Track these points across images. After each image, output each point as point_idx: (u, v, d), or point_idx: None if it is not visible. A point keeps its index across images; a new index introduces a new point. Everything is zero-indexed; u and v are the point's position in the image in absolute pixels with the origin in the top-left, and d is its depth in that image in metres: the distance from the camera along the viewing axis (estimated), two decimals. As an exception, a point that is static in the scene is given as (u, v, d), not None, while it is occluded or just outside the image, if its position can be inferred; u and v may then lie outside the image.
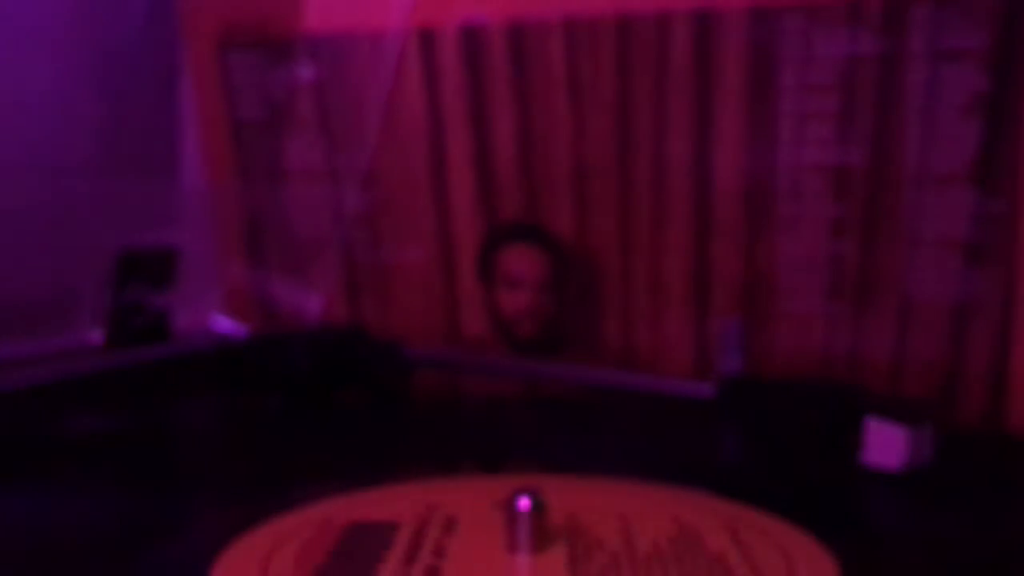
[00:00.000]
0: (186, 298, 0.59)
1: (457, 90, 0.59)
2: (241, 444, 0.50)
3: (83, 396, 0.51)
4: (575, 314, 0.58)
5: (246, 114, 0.63)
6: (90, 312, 0.54)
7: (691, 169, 0.55)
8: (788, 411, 0.44)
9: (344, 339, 0.56)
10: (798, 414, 0.44)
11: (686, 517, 0.33)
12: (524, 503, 0.30)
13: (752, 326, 0.54)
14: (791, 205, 0.54)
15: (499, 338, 0.60)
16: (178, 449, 0.50)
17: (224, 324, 0.62)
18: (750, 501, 0.34)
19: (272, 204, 0.63)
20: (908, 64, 0.51)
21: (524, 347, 0.59)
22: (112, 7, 0.61)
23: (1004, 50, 0.49)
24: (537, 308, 0.59)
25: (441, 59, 0.59)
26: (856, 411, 0.40)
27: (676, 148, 0.55)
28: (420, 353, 0.57)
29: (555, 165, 0.58)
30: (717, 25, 0.54)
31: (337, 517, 0.33)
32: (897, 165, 0.52)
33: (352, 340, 0.56)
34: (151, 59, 0.64)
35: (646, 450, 0.46)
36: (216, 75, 0.63)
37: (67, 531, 0.35)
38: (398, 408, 0.55)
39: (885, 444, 0.39)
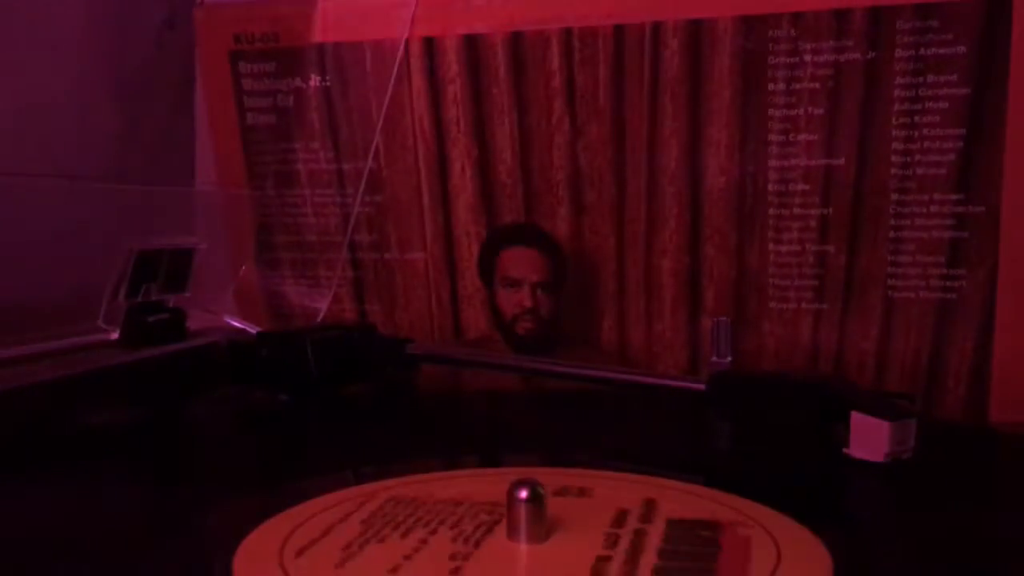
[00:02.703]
0: (200, 298, 0.59)
1: (458, 98, 0.59)
2: (253, 439, 0.51)
3: (98, 392, 0.51)
4: (572, 313, 0.59)
5: (256, 120, 0.64)
6: (106, 312, 0.54)
7: (683, 173, 0.56)
8: (775, 405, 0.44)
9: (353, 336, 0.56)
10: (785, 408, 0.44)
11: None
12: (523, 493, 0.30)
13: (742, 324, 0.55)
14: (779, 207, 0.55)
15: (500, 336, 0.61)
16: (191, 443, 0.50)
17: (236, 323, 0.62)
18: (740, 491, 0.35)
19: (281, 207, 0.64)
20: (892, 71, 0.52)
21: (523, 345, 0.60)
22: (129, 18, 0.62)
23: (984, 58, 0.50)
24: (536, 307, 0.60)
25: (443, 67, 0.59)
26: (841, 405, 0.41)
27: (669, 153, 0.56)
28: (424, 350, 0.57)
29: (553, 170, 0.58)
30: (708, 33, 0.54)
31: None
32: (882, 169, 0.53)
33: (360, 337, 0.56)
34: (166, 68, 0.64)
35: (640, 442, 0.46)
36: (228, 83, 0.63)
37: (84, 523, 0.35)
38: (405, 402, 0.56)
39: (869, 437, 0.39)
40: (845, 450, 0.40)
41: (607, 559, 0.29)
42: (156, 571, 0.31)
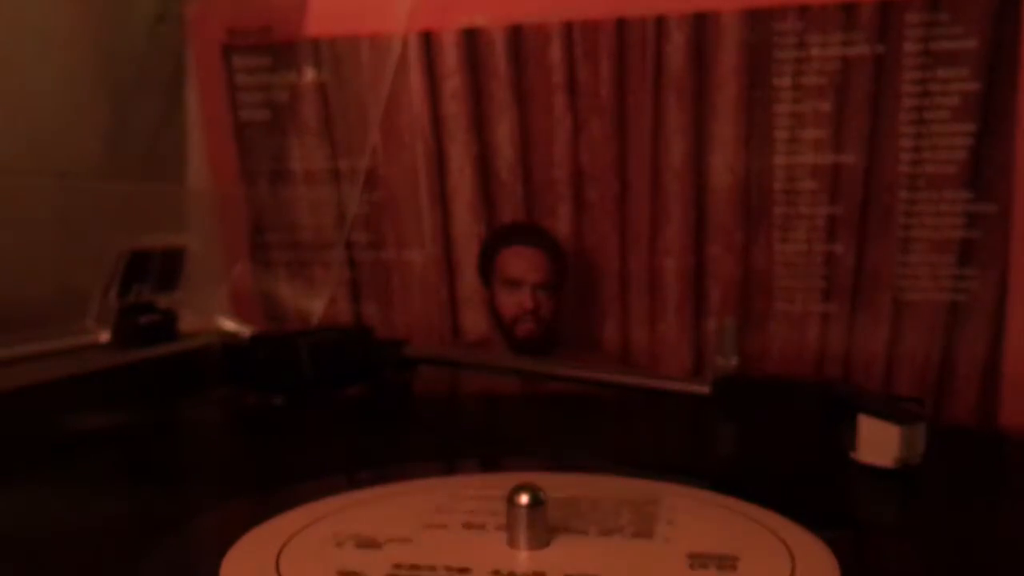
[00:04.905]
0: (192, 298, 0.59)
1: (457, 93, 0.59)
2: (246, 442, 0.51)
3: (88, 394, 0.51)
4: (574, 314, 0.59)
5: (250, 116, 0.63)
6: (97, 312, 0.54)
7: (687, 170, 0.56)
8: (782, 409, 0.44)
9: (348, 338, 0.56)
10: (792, 412, 0.44)
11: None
12: (522, 498, 0.30)
13: (748, 325, 0.55)
14: (786, 205, 0.54)
15: (499, 338, 0.60)
16: (183, 446, 0.50)
17: (229, 324, 0.62)
18: (747, 496, 0.35)
19: (276, 205, 0.64)
20: (901, 66, 0.52)
21: (524, 346, 0.60)
22: (119, 12, 0.62)
23: (994, 52, 0.50)
24: (536, 308, 0.59)
25: (441, 62, 0.59)
26: (849, 408, 0.40)
27: (672, 150, 0.56)
28: (422, 352, 0.57)
29: (554, 167, 0.58)
30: (713, 27, 0.54)
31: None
32: (891, 166, 0.52)
33: (356, 339, 0.56)
34: (157, 62, 0.64)
35: (644, 446, 0.47)
36: (221, 78, 0.63)
37: (76, 525, 0.35)
38: (401, 405, 0.56)
39: (878, 441, 0.39)
40: (853, 455, 0.40)
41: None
42: (147, 574, 0.30)
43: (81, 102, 0.60)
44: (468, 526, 0.32)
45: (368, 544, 0.31)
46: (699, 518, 0.33)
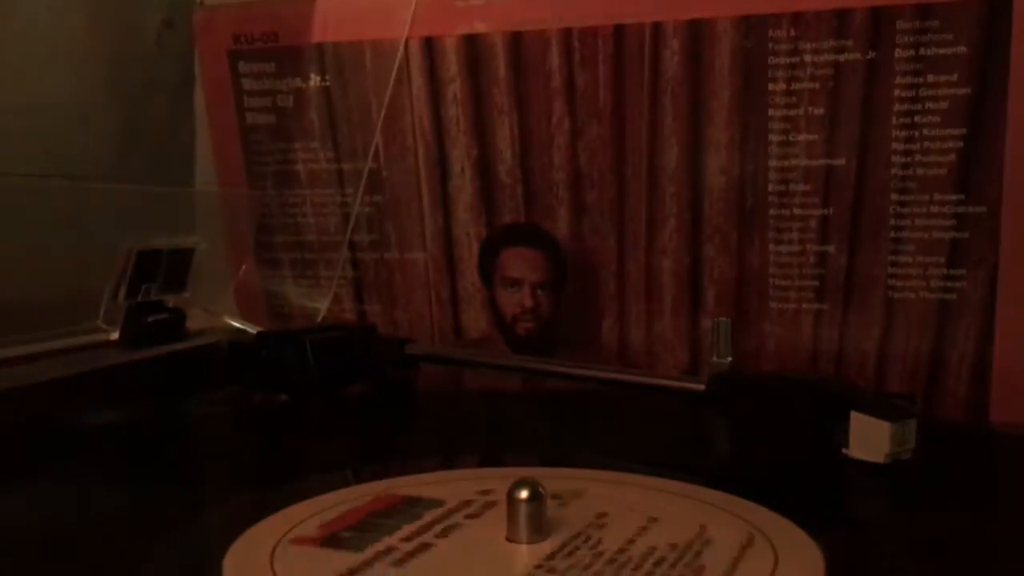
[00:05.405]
0: (200, 297, 0.59)
1: (458, 97, 0.59)
2: (253, 439, 0.51)
3: (97, 391, 0.52)
4: (572, 313, 0.59)
5: (256, 120, 0.64)
6: (106, 312, 0.54)
7: (683, 173, 0.56)
8: (775, 406, 0.44)
9: (352, 337, 0.56)
10: (785, 409, 0.43)
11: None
12: (521, 493, 0.30)
13: (742, 324, 0.55)
14: (779, 208, 0.55)
15: (500, 336, 0.61)
16: (191, 443, 0.51)
17: (236, 323, 0.62)
18: (738, 491, 0.35)
19: (281, 207, 0.64)
20: (892, 71, 0.52)
21: (524, 344, 0.60)
22: (129, 18, 0.62)
23: (984, 58, 0.50)
24: (536, 307, 0.60)
25: (443, 67, 0.59)
26: (841, 406, 0.41)
27: (669, 153, 0.56)
28: (424, 350, 0.57)
29: (553, 170, 0.58)
30: (708, 33, 0.54)
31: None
32: (882, 168, 0.53)
33: (359, 337, 0.56)
34: (166, 68, 0.64)
35: (639, 443, 0.47)
36: (227, 83, 0.64)
37: (83, 522, 0.36)
38: (404, 402, 0.56)
39: (870, 437, 0.39)
40: (845, 451, 0.40)
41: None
42: (152, 569, 0.31)
43: (91, 106, 0.60)
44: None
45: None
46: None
